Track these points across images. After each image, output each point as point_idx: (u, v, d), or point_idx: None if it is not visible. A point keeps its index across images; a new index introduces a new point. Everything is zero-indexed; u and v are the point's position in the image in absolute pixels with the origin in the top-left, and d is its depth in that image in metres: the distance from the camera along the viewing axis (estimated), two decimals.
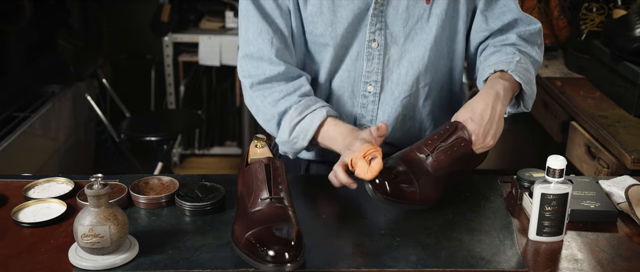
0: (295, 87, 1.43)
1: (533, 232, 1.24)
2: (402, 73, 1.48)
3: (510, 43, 1.48)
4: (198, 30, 3.75)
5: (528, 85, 1.42)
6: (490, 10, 1.49)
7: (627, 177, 1.44)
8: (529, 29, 1.50)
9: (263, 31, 1.43)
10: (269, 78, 1.43)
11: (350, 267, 1.14)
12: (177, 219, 1.29)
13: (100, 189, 1.10)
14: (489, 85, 1.38)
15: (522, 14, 1.50)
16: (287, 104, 1.42)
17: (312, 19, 1.43)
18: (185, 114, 3.53)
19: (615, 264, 1.18)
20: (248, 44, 1.45)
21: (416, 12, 1.43)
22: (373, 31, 1.43)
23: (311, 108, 1.41)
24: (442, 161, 1.30)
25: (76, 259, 1.13)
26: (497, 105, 1.34)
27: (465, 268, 1.14)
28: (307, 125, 1.40)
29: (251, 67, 1.44)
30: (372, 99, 1.49)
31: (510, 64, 1.40)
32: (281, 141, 1.46)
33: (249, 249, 1.12)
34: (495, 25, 1.49)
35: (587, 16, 2.60)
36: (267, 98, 1.43)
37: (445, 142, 1.31)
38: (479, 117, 1.33)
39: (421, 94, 1.52)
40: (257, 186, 1.21)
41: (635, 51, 2.13)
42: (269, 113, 1.44)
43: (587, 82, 2.45)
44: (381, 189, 1.25)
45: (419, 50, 1.46)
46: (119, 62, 4.05)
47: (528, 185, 1.35)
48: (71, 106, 3.22)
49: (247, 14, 1.44)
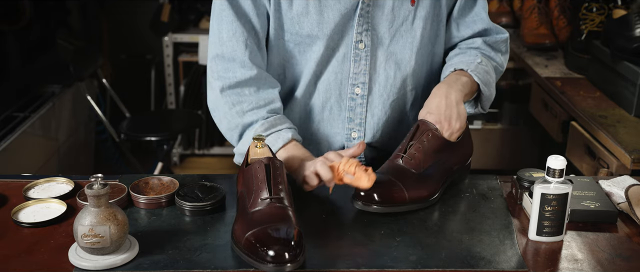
0: (266, 102, 1.42)
1: (533, 232, 1.24)
2: (389, 75, 1.48)
3: (474, 47, 1.52)
4: (198, 30, 3.75)
5: (486, 86, 1.46)
6: (462, 18, 1.52)
7: (627, 177, 1.44)
8: (495, 37, 1.54)
9: (237, 32, 1.41)
10: (240, 82, 1.41)
11: (350, 267, 1.14)
12: (177, 219, 1.29)
13: (100, 189, 1.10)
14: (442, 81, 1.43)
15: (492, 25, 1.54)
16: (254, 117, 1.41)
17: (298, 19, 1.42)
18: (185, 114, 3.53)
19: (615, 264, 1.18)
20: (221, 44, 1.42)
21: (401, 14, 1.44)
22: (360, 32, 1.43)
23: (278, 127, 1.40)
24: (418, 157, 1.34)
25: (76, 259, 1.13)
26: (449, 93, 1.38)
27: (465, 268, 1.14)
28: (270, 143, 1.38)
29: (222, 68, 1.42)
30: (360, 101, 1.49)
31: (471, 65, 1.44)
32: (239, 152, 1.45)
33: (249, 249, 1.12)
34: (465, 33, 1.53)
35: (587, 16, 2.60)
36: (235, 107, 1.41)
37: (413, 140, 1.36)
38: (435, 108, 1.37)
39: (409, 97, 1.53)
40: (257, 186, 1.21)
41: (635, 51, 2.13)
42: (234, 122, 1.42)
43: (587, 82, 2.45)
44: (370, 199, 1.28)
45: (405, 52, 1.47)
46: (119, 62, 4.05)
47: (528, 185, 1.35)
48: (71, 106, 3.22)
49: (221, 13, 1.42)
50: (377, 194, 1.28)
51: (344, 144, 1.53)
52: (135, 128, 3.12)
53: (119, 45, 4.05)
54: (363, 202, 1.29)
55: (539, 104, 2.60)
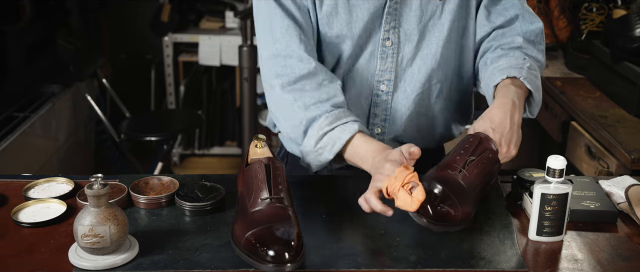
0: (329, 96, 1.38)
1: (533, 232, 1.24)
2: (415, 71, 1.46)
3: (516, 46, 1.45)
4: (198, 30, 3.75)
5: (537, 93, 1.41)
6: (493, 5, 1.48)
7: (627, 177, 1.44)
8: (533, 30, 1.48)
9: (290, 27, 1.38)
10: (300, 77, 1.37)
11: (350, 267, 1.14)
12: (177, 219, 1.29)
13: (100, 189, 1.10)
14: (503, 94, 1.36)
15: (525, 9, 1.48)
16: (318, 111, 1.36)
17: (328, 20, 1.41)
18: (185, 114, 3.54)
19: (615, 264, 1.18)
20: (275, 42, 1.39)
21: (429, 9, 1.42)
22: (387, 29, 1.42)
23: (342, 120, 1.36)
24: (475, 175, 1.25)
25: (76, 259, 1.13)
26: (514, 114, 1.32)
27: (465, 268, 1.14)
28: (336, 136, 1.35)
29: (280, 66, 1.38)
30: (384, 98, 1.47)
31: (522, 71, 1.39)
32: (306, 150, 1.39)
33: (249, 249, 1.12)
34: (497, 20, 1.48)
35: (587, 16, 2.60)
36: (297, 101, 1.37)
37: (474, 155, 1.27)
38: (500, 127, 1.30)
39: (433, 91, 1.50)
40: (257, 186, 1.21)
41: (635, 51, 2.13)
42: (297, 118, 1.38)
43: (587, 82, 2.45)
44: (425, 213, 1.19)
45: (432, 47, 1.44)
46: (119, 62, 4.06)
47: (528, 185, 1.35)
48: (71, 106, 3.22)
49: (270, 12, 1.39)
50: (433, 210, 1.18)
51: None
52: (135, 128, 3.12)
53: (119, 45, 4.05)
54: (417, 214, 1.19)
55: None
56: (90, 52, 3.42)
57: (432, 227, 1.19)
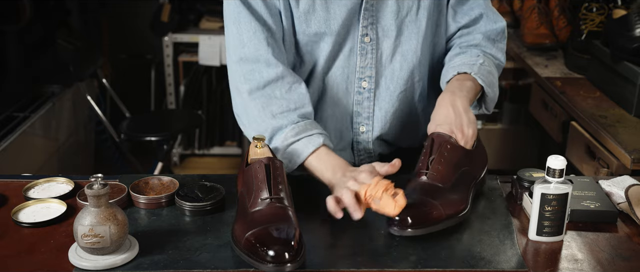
0: (297, 105, 1.39)
1: (533, 232, 1.24)
2: (396, 68, 1.47)
3: (475, 44, 1.49)
4: (198, 30, 3.75)
5: (490, 88, 1.44)
6: (459, 5, 1.51)
7: (627, 177, 1.44)
8: (495, 29, 1.51)
9: (258, 31, 1.39)
10: (268, 82, 1.38)
11: (350, 267, 1.14)
12: (177, 219, 1.29)
13: (100, 189, 1.10)
14: (446, 89, 1.40)
15: (489, 9, 1.52)
16: (285, 120, 1.38)
17: (305, 17, 1.41)
18: (185, 114, 3.53)
19: (615, 264, 1.18)
20: (242, 46, 1.40)
21: (406, 5, 1.43)
22: (366, 26, 1.43)
23: (308, 132, 1.37)
24: (442, 170, 1.28)
25: (76, 259, 1.13)
26: (455, 101, 1.35)
27: (465, 268, 1.14)
28: (301, 149, 1.36)
29: (247, 70, 1.39)
30: (367, 95, 1.49)
31: (474, 67, 1.42)
32: None
33: (249, 249, 1.12)
34: (462, 20, 1.51)
35: (587, 16, 2.60)
36: (265, 109, 1.38)
37: (433, 154, 1.30)
38: (444, 119, 1.34)
39: (417, 89, 1.52)
40: (257, 186, 1.21)
41: (635, 51, 2.13)
42: (263, 125, 1.39)
43: (587, 82, 2.45)
44: (406, 224, 1.20)
45: (411, 43, 1.46)
46: (119, 62, 4.05)
47: (528, 185, 1.35)
48: (71, 106, 3.22)
49: (238, 16, 1.39)
50: (411, 217, 1.19)
51: (352, 138, 1.53)
52: (135, 128, 3.12)
53: (119, 45, 4.05)
54: (398, 227, 1.19)
55: (539, 104, 2.59)
56: (90, 52, 3.41)
57: (419, 233, 1.20)
